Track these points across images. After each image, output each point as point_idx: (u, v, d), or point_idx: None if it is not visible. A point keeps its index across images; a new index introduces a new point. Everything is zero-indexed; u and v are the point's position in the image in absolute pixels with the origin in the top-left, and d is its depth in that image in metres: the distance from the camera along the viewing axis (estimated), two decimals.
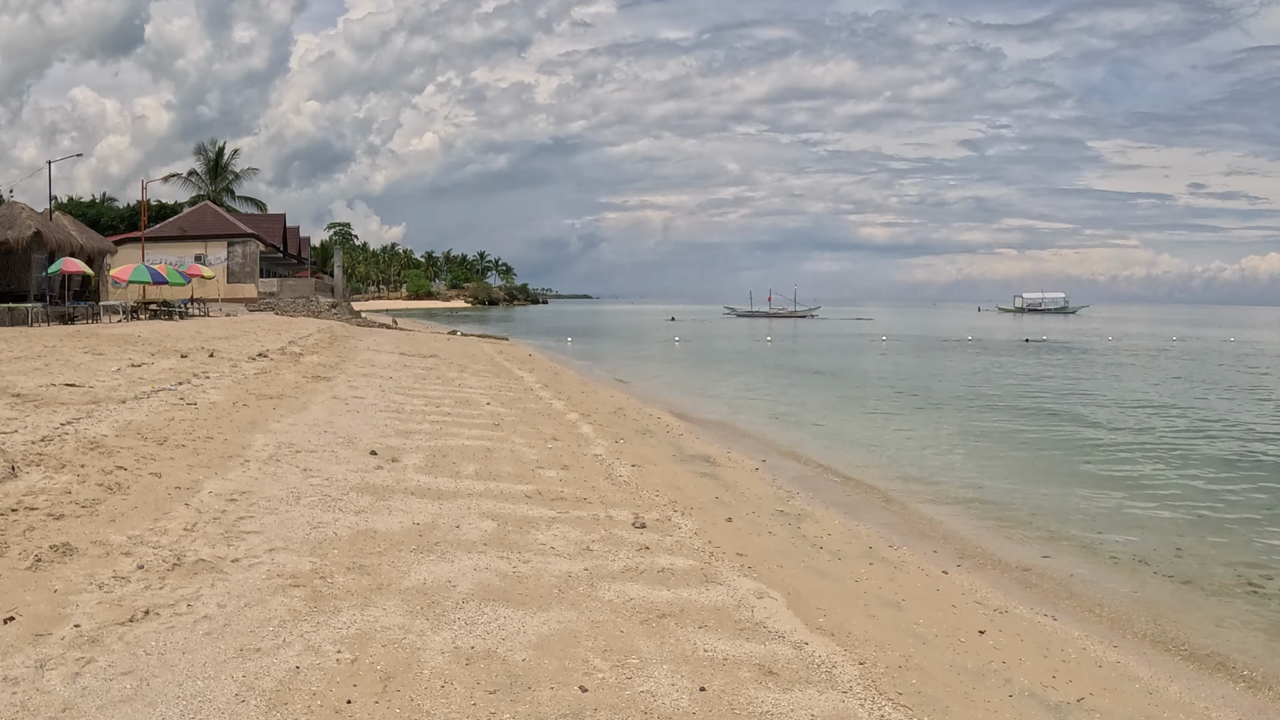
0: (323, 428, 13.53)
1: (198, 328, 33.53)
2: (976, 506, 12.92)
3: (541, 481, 10.98)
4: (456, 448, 12.79)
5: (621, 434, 15.96)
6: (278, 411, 14.72)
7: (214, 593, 6.44)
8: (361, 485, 10.00)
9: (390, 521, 8.57)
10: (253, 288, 56.16)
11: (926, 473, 15.23)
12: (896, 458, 16.61)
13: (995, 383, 31.64)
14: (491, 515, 9.09)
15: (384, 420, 14.83)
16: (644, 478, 11.95)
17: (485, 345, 43.12)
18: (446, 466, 11.41)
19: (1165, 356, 48.41)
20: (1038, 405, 24.88)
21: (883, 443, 18.30)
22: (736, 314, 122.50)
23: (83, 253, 45.42)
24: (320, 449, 11.87)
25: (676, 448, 15.44)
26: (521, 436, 14.34)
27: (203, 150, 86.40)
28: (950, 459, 16.67)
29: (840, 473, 14.98)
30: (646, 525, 9.16)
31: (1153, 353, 51.81)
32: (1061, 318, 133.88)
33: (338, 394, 17.61)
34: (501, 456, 12.39)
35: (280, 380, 18.74)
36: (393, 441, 12.87)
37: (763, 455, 16.05)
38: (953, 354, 48.32)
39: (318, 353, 26.83)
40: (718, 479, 12.80)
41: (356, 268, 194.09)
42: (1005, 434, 19.67)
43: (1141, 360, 45.08)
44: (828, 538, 10.02)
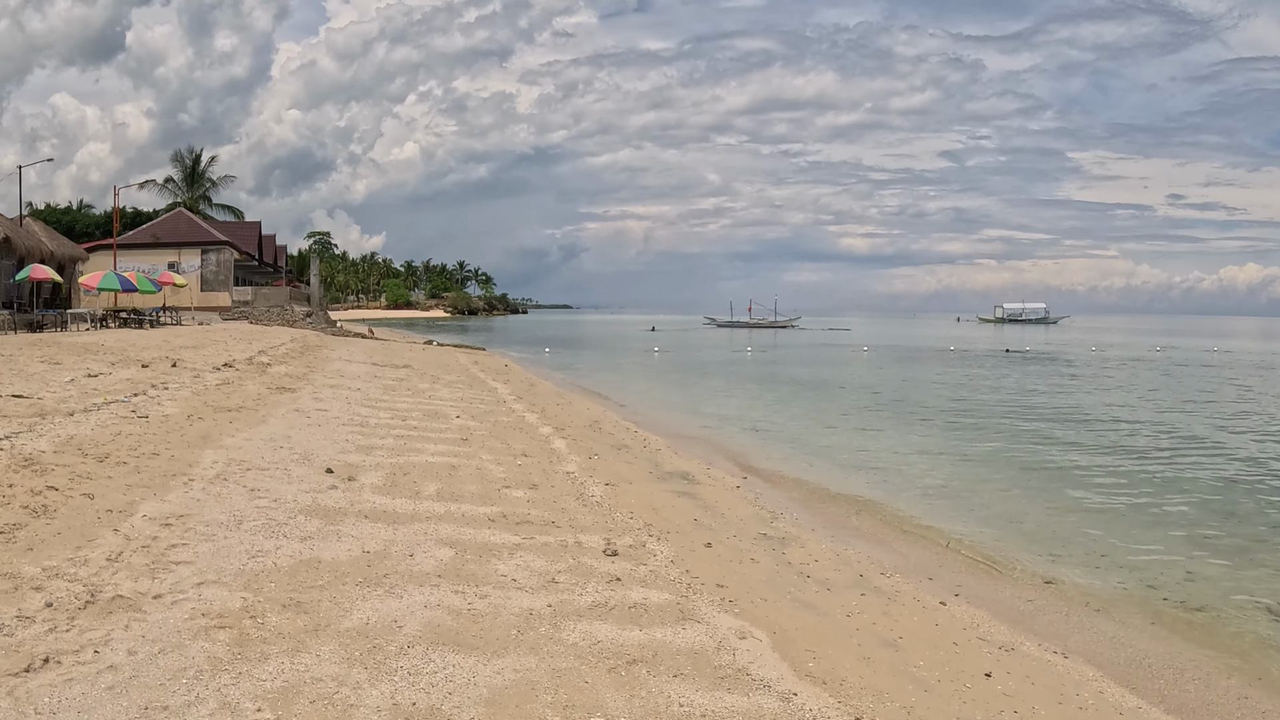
0: (279, 443, 12.77)
1: (166, 336, 32.67)
2: (971, 527, 12.26)
3: (507, 503, 10.25)
4: (419, 465, 12.05)
5: (596, 449, 15.24)
6: (234, 425, 13.94)
7: (127, 636, 5.70)
8: (311, 507, 9.25)
9: (338, 549, 7.83)
10: (227, 296, 55.18)
11: (916, 491, 14.56)
12: (884, 475, 15.92)
13: (981, 395, 31.01)
14: (450, 542, 8.36)
15: (346, 435, 14.07)
16: (618, 498, 11.23)
17: (461, 356, 42.31)
18: (406, 486, 10.67)
19: (1150, 367, 47.96)
20: (1026, 419, 24.27)
21: (869, 459, 17.60)
22: (717, 324, 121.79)
23: (53, 259, 44.55)
24: (273, 466, 11.11)
25: (654, 464, 14.73)
26: (490, 452, 13.61)
27: (180, 157, 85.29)
28: (940, 476, 16.00)
29: (825, 491, 14.31)
30: (619, 552, 8.44)
31: (1137, 363, 51.38)
32: (1042, 328, 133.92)
33: (300, 406, 16.83)
34: (466, 475, 11.65)
35: (242, 392, 17.95)
36: (352, 458, 12.12)
37: (744, 472, 15.37)
38: (935, 365, 47.73)
39: (286, 363, 26.01)
40: (697, 498, 12.09)
41: (336, 277, 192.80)
42: (996, 450, 19.00)
43: (1127, 371, 44.62)
44: (815, 564, 9.32)
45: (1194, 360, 55.50)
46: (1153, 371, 44.45)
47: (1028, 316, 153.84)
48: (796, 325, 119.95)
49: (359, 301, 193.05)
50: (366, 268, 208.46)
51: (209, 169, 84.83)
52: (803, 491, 14.14)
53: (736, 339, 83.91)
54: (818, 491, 14.20)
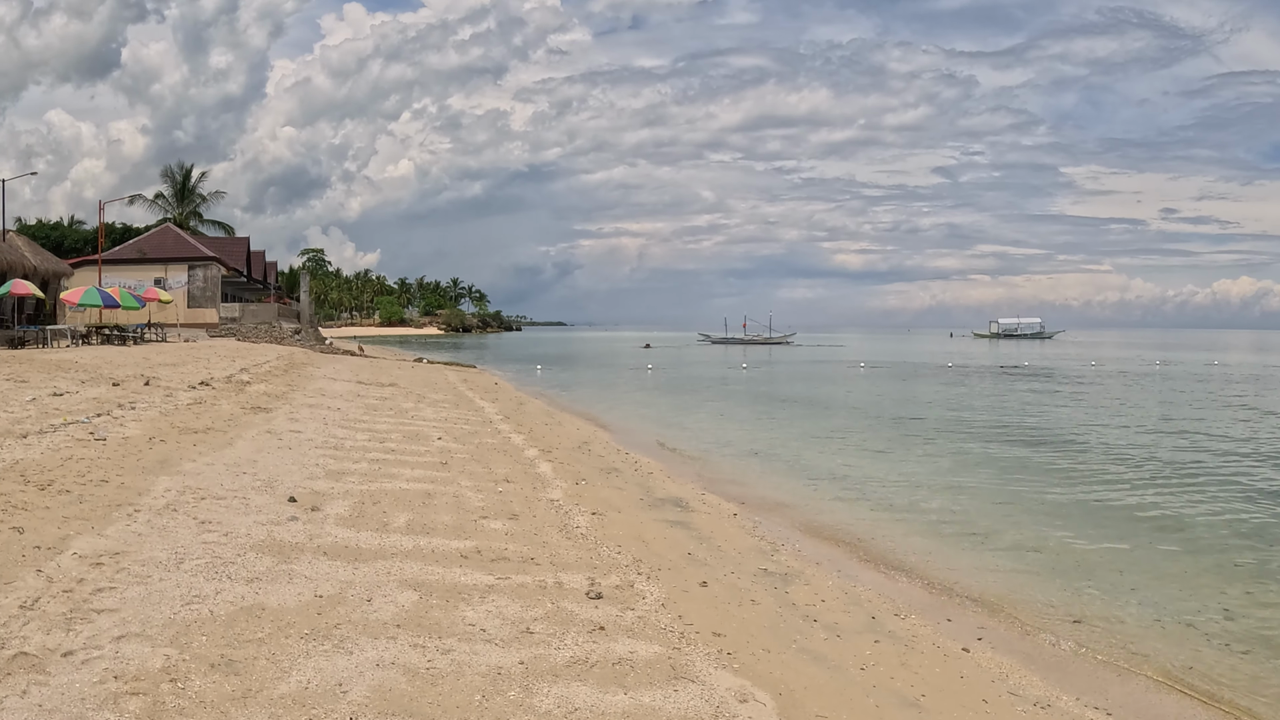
0: (242, 468, 11.89)
1: (147, 354, 31.77)
2: (986, 557, 11.38)
3: (483, 535, 9.38)
4: (392, 493, 11.17)
5: (583, 473, 14.37)
6: (198, 448, 13.06)
7: (21, 705, 4.84)
8: (265, 543, 8.37)
9: (287, 593, 6.96)
10: (214, 313, 54.25)
11: (925, 519, 13.66)
12: (890, 501, 15.01)
13: (986, 414, 29.99)
14: (415, 583, 7.49)
15: (317, 458, 13.19)
16: (605, 529, 10.36)
17: (450, 373, 41.42)
18: (374, 517, 9.79)
19: (1152, 382, 47.09)
20: (1035, 436, 23.38)
21: (874, 483, 16.67)
22: (711, 341, 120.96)
23: (36, 275, 43.62)
24: (230, 495, 10.23)
25: (644, 489, 13.85)
26: (470, 478, 12.73)
27: (170, 173, 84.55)
28: (950, 500, 15.09)
29: (829, 519, 13.41)
30: (603, 594, 7.57)
31: (1139, 378, 50.51)
32: (1037, 343, 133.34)
33: (273, 427, 15.96)
34: (442, 503, 10.78)
35: (214, 412, 17.07)
36: (320, 485, 11.24)
37: (742, 498, 14.47)
38: (935, 382, 46.80)
39: (267, 381, 25.13)
40: (691, 528, 11.22)
41: (329, 294, 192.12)
42: (1006, 470, 18.08)
43: (1131, 387, 43.65)
44: (821, 605, 8.44)
45: (1195, 374, 54.73)
46: (1157, 387, 43.57)
47: (1023, 331, 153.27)
48: (791, 342, 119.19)
49: (352, 319, 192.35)
50: (360, 285, 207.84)
51: (199, 185, 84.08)
52: (805, 519, 13.24)
53: (731, 356, 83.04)
54: (821, 519, 13.29)
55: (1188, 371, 57.91)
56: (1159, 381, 47.68)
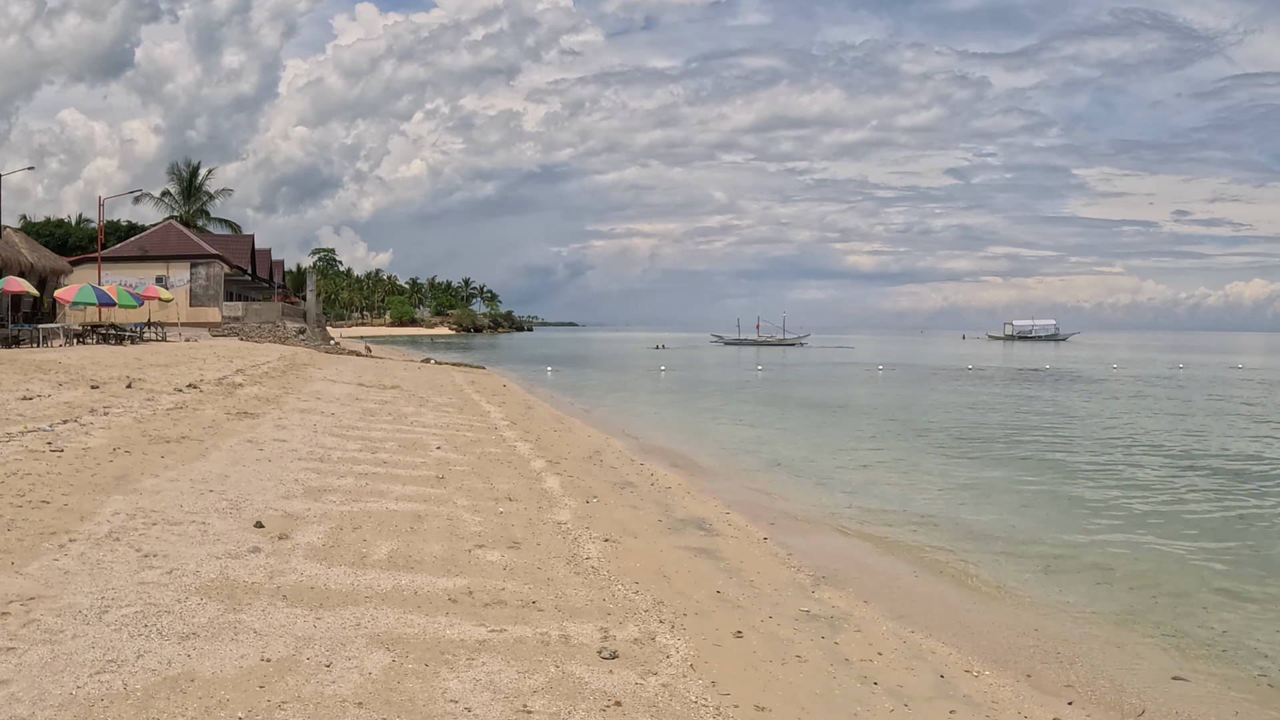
0: (211, 484, 10.55)
1: (140, 354, 30.49)
2: (1052, 589, 9.94)
3: (478, 570, 8.01)
4: (377, 515, 9.82)
5: (595, 489, 12.99)
6: (165, 460, 11.73)
7: None
8: (215, 583, 7.03)
9: (226, 656, 5.61)
10: (217, 312, 52.97)
11: (976, 539, 12.19)
12: (934, 519, 13.54)
13: (1020, 419, 28.38)
14: (389, 639, 6.14)
15: (298, 472, 11.85)
16: (619, 560, 8.99)
17: (457, 375, 40.09)
18: (351, 547, 8.44)
19: (1180, 386, 45.37)
20: (1078, 448, 21.79)
21: (914, 498, 15.20)
22: (724, 342, 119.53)
23: (33, 272, 42.47)
24: (188, 519, 8.89)
25: (663, 508, 12.46)
26: (468, 496, 11.37)
27: (176, 170, 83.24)
28: (999, 519, 13.60)
29: (871, 541, 11.93)
30: (619, 653, 6.20)
31: (1165, 381, 48.83)
32: (1052, 345, 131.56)
33: (257, 436, 14.63)
34: (433, 528, 9.42)
35: (194, 418, 15.75)
36: (295, 506, 9.90)
37: (769, 517, 13.05)
38: (958, 385, 45.27)
39: (261, 383, 23.81)
40: (717, 558, 9.82)
41: (340, 294, 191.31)
42: (1056, 486, 16.49)
43: (1161, 390, 41.97)
44: (879, 659, 7.05)
45: (1221, 378, 53.05)
46: (1191, 393, 41.83)
47: (1037, 333, 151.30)
48: (804, 343, 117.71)
49: (363, 319, 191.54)
50: (371, 285, 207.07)
51: (205, 182, 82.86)
52: (844, 543, 11.80)
53: (745, 357, 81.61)
54: (862, 542, 11.85)
55: (1213, 376, 56.21)
56: (1192, 387, 45.88)
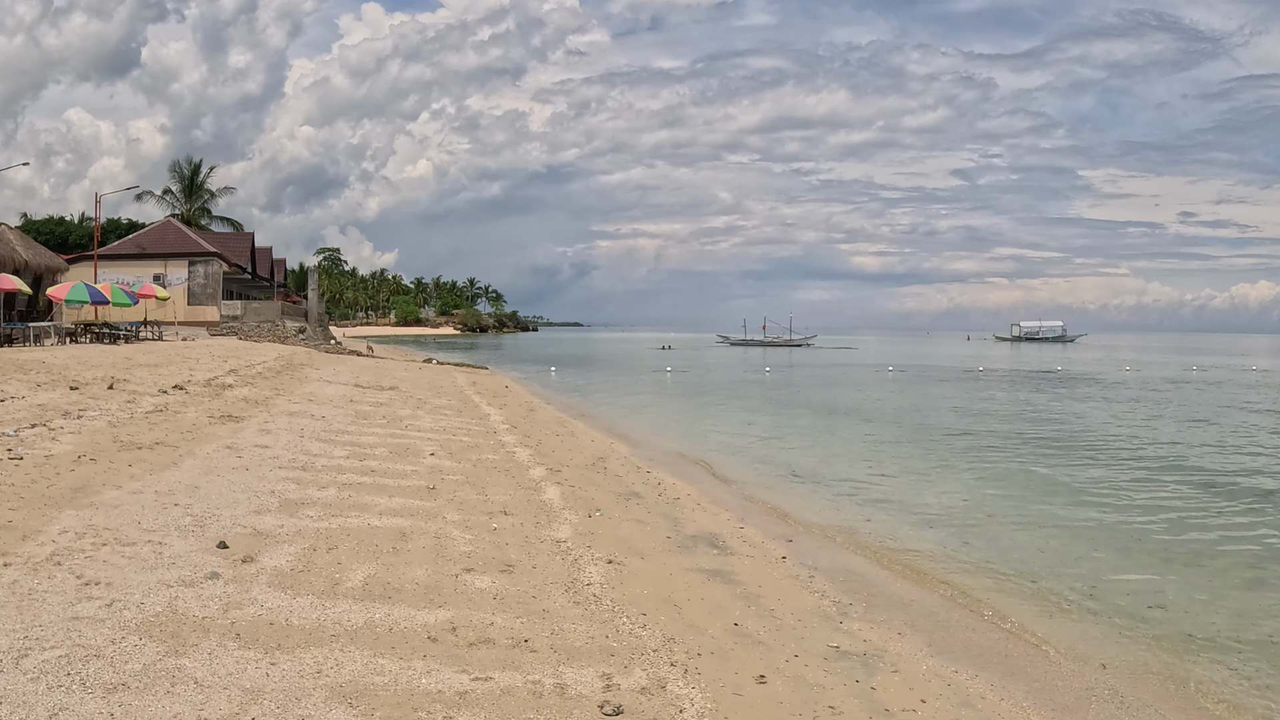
0: (178, 497, 9.64)
1: (131, 353, 29.59)
2: (1110, 621, 8.98)
3: (464, 601, 7.09)
4: (357, 532, 8.90)
5: (598, 500, 12.05)
6: (132, 470, 10.82)
7: None
8: (161, 618, 6.12)
9: (158, 715, 4.69)
10: (215, 310, 52.05)
11: (1015, 561, 11.17)
12: (963, 534, 12.55)
13: (1040, 424, 27.20)
14: (353, 691, 5.21)
15: (276, 483, 10.93)
16: (624, 585, 8.05)
17: (458, 375, 39.16)
18: (324, 571, 7.51)
19: (1202, 389, 44.15)
20: (1113, 454, 20.76)
21: (939, 510, 14.20)
22: (730, 343, 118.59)
23: (28, 270, 41.58)
24: (144, 538, 7.97)
25: (671, 522, 11.51)
26: (459, 509, 10.44)
27: (177, 168, 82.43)
28: (1040, 539, 12.47)
29: (898, 561, 10.96)
30: (623, 709, 5.28)
31: (1185, 385, 47.58)
32: (1060, 346, 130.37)
33: (238, 441, 13.71)
34: (418, 548, 8.49)
35: (174, 422, 14.85)
36: (267, 521, 8.97)
37: (786, 532, 12.09)
38: (972, 387, 44.19)
39: (253, 384, 22.91)
40: (733, 581, 8.87)
41: (344, 293, 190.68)
42: (1094, 496, 15.50)
43: (1185, 394, 40.71)
44: (922, 708, 6.10)
45: (1240, 381, 51.87)
46: (1213, 395, 40.66)
47: (1044, 335, 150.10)
48: (811, 344, 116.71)
49: (368, 318, 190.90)
50: (376, 284, 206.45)
51: (207, 180, 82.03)
52: (869, 562, 10.81)
53: (751, 358, 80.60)
54: (890, 563, 10.85)
55: (1228, 378, 55.02)
56: (1214, 390, 44.70)
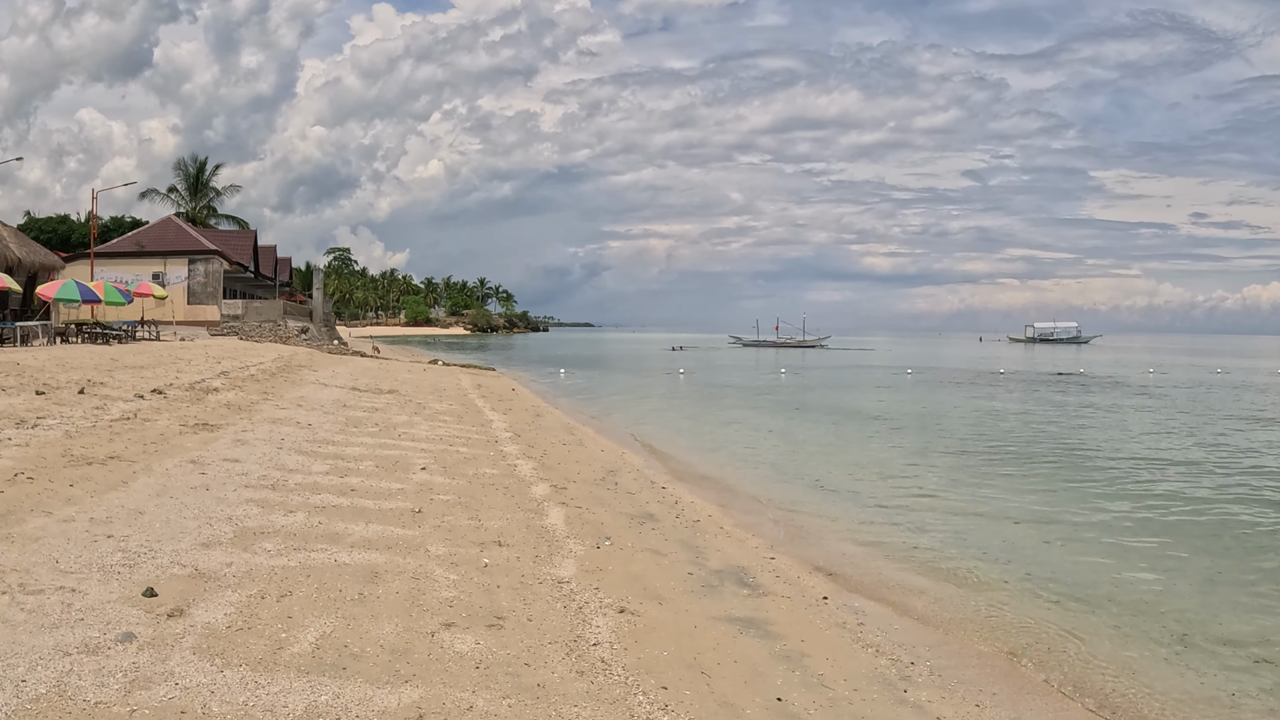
0: (114, 526, 8.19)
1: (121, 354, 28.22)
2: (1205, 675, 7.50)
3: (439, 671, 5.62)
4: (320, 571, 7.44)
5: (607, 525, 10.57)
6: (73, 490, 9.39)
7: None
8: (39, 705, 4.68)
9: None
10: (215, 310, 50.69)
11: (1087, 599, 9.62)
12: (1026, 566, 10.95)
13: (1080, 432, 25.29)
14: None
15: (237, 505, 9.48)
16: (640, 644, 6.58)
17: (464, 377, 37.71)
18: (268, 629, 6.06)
19: (1234, 392, 42.34)
20: (1165, 466, 19.15)
21: (991, 536, 12.54)
22: (743, 344, 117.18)
23: (21, 267, 40.29)
24: (55, 584, 6.54)
25: (693, 552, 10.00)
26: (446, 539, 8.97)
27: (183, 166, 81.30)
28: (1109, 571, 10.90)
29: (954, 599, 9.45)
30: None
31: (1216, 388, 45.75)
32: (1075, 348, 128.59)
33: (205, 454, 12.27)
34: (390, 595, 7.03)
35: (139, 432, 13.42)
36: (213, 558, 7.52)
37: (826, 563, 10.53)
38: (998, 391, 42.48)
39: (242, 387, 21.49)
40: (770, 634, 7.37)
41: (354, 293, 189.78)
42: (1161, 517, 13.87)
43: (1218, 398, 38.76)
44: None
45: (1265, 384, 50.08)
46: (1248, 399, 38.99)
47: (1059, 336, 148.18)
48: (825, 345, 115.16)
49: (378, 318, 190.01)
50: (386, 284, 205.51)
51: (213, 178, 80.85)
52: (927, 606, 9.25)
53: (765, 359, 79.09)
54: (951, 609, 9.29)
55: (1252, 381, 53.25)
56: (1247, 394, 42.98)
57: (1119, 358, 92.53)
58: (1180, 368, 70.94)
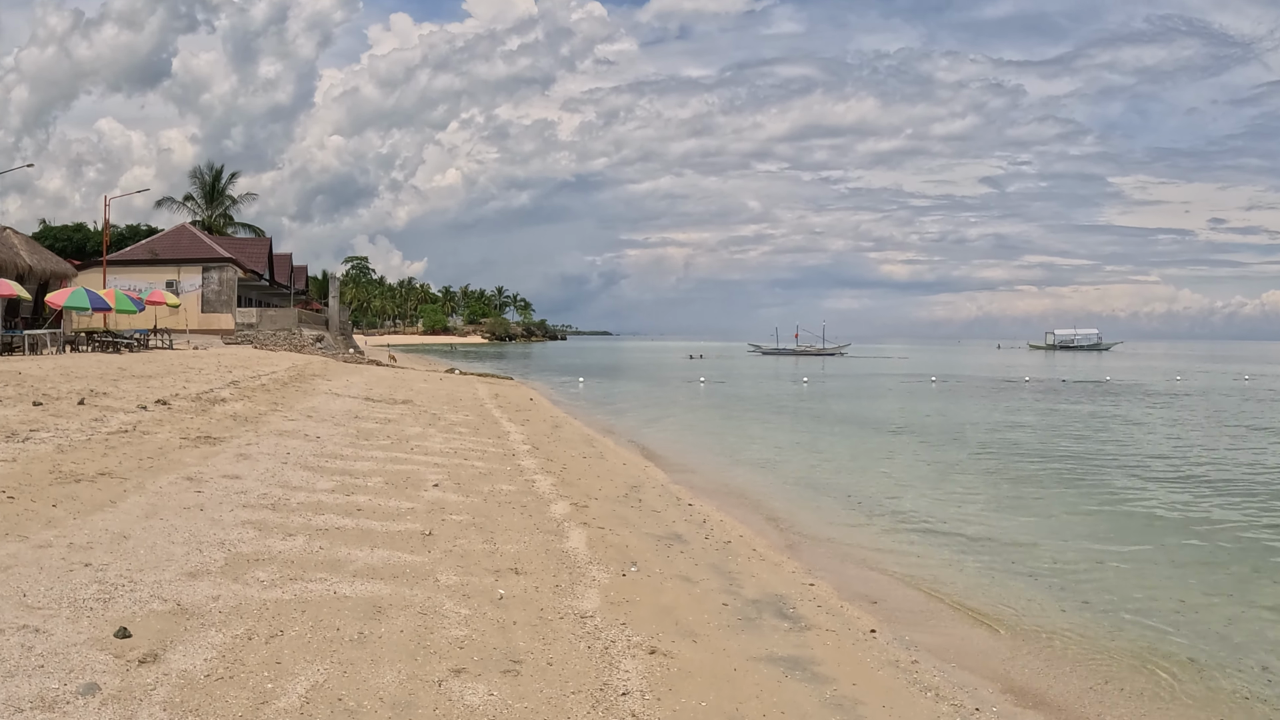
0: (94, 553, 7.47)
1: (130, 363, 27.61)
2: None
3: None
4: (316, 605, 6.70)
5: (633, 548, 9.78)
6: (55, 511, 8.68)
7: None
8: None
9: None
10: (230, 318, 50.15)
11: (1176, 634, 8.86)
12: (1080, 586, 10.22)
13: (1126, 443, 24.09)
14: None
15: (232, 528, 8.74)
16: (674, 693, 5.79)
17: (481, 387, 36.99)
18: (254, 677, 5.31)
19: (1262, 403, 41.27)
20: (1225, 482, 18.31)
21: (1053, 559, 11.68)
22: (762, 352, 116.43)
23: (32, 275, 39.84)
24: (19, 621, 5.82)
25: (726, 578, 9.19)
26: (458, 566, 8.22)
27: (199, 174, 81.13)
28: (1205, 610, 10.22)
29: (1018, 626, 8.61)
30: None
31: (1248, 396, 44.62)
32: (1096, 355, 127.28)
33: (204, 471, 11.56)
34: (393, 635, 6.27)
35: (137, 446, 12.72)
36: (199, 591, 6.79)
37: (866, 587, 9.78)
38: (1028, 400, 41.43)
39: (251, 398, 20.80)
40: (818, 676, 6.57)
41: (372, 302, 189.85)
42: (1234, 543, 13.13)
43: (1255, 407, 37.86)
44: None
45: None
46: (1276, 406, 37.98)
47: (1080, 343, 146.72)
48: (844, 353, 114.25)
49: (396, 327, 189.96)
50: (404, 293, 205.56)
51: (229, 186, 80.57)
52: (982, 639, 8.43)
53: (784, 368, 78.22)
54: (1009, 634, 8.50)
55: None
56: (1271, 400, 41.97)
57: (1142, 364, 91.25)
58: (1206, 375, 69.59)
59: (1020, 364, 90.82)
